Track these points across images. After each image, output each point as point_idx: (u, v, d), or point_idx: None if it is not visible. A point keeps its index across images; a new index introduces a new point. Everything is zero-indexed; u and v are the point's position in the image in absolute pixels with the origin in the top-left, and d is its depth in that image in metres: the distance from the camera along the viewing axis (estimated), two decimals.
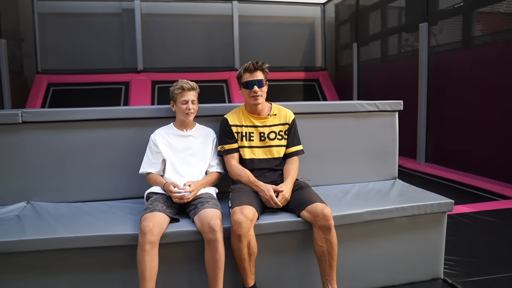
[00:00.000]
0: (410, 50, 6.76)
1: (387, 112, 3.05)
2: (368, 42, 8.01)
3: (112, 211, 2.48)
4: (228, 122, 2.56)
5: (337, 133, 3.00)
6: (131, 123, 2.70)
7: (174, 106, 2.54)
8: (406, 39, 7.13)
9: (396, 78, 7.00)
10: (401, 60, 7.05)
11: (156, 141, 2.51)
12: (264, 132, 2.55)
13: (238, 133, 2.54)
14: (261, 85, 2.48)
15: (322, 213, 2.21)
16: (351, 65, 8.49)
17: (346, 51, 8.95)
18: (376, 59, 7.74)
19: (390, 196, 2.72)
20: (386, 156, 3.10)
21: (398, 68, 7.02)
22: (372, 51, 7.89)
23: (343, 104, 2.96)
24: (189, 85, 2.49)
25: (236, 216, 2.12)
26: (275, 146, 2.56)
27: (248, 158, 2.53)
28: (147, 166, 2.50)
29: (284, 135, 2.58)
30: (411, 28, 6.65)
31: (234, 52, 9.11)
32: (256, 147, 2.54)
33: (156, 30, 8.98)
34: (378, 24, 7.61)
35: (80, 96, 8.37)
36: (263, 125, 2.56)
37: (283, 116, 2.60)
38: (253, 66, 2.48)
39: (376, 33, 7.68)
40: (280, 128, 2.58)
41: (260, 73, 2.49)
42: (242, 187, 2.41)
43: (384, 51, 7.56)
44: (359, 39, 8.13)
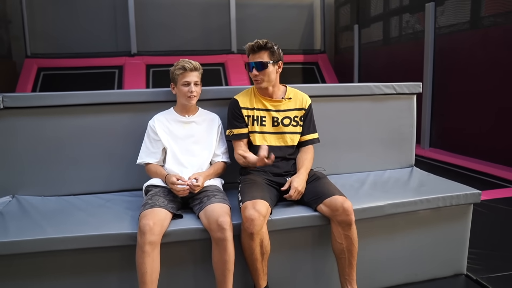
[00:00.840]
0: (415, 31, 6.48)
1: (405, 95, 2.80)
2: (370, 24, 7.70)
3: (107, 206, 2.22)
4: (238, 104, 2.29)
5: (351, 117, 2.74)
6: (127, 108, 2.41)
7: (174, 89, 2.27)
8: (407, 20, 6.84)
9: (399, 60, 6.72)
10: (405, 42, 6.77)
11: (155, 128, 2.24)
12: (277, 117, 2.29)
13: (248, 116, 2.27)
14: (261, 68, 2.19)
15: (342, 207, 1.97)
16: (351, 47, 8.19)
17: (346, 33, 8.64)
18: (378, 41, 7.44)
19: (410, 186, 2.48)
20: (402, 142, 2.85)
21: (402, 51, 6.75)
22: (373, 33, 7.59)
23: (358, 86, 2.70)
24: (192, 65, 2.21)
25: (248, 212, 1.87)
26: (289, 133, 2.30)
27: (259, 145, 2.27)
28: (145, 155, 2.24)
29: (299, 121, 2.32)
30: (416, 9, 6.35)
31: (231, 35, 8.77)
32: (268, 133, 2.28)
33: (150, 11, 8.59)
34: (380, 5, 7.29)
35: (71, 81, 8.01)
36: (276, 110, 2.29)
37: (299, 100, 2.34)
38: (252, 47, 2.20)
39: (378, 14, 7.37)
40: (295, 113, 2.31)
41: (264, 53, 2.20)
42: (253, 177, 2.16)
43: (386, 33, 7.26)
44: (360, 20, 7.81)
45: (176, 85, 2.24)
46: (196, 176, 2.07)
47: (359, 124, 2.75)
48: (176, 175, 2.06)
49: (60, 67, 8.12)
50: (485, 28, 5.12)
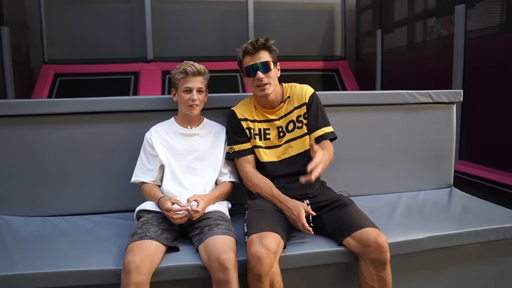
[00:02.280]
0: (442, 36, 6.00)
1: (443, 104, 2.38)
2: (393, 29, 7.23)
3: (96, 231, 1.88)
4: (236, 116, 1.92)
5: (380, 130, 2.34)
6: (122, 118, 2.08)
7: (175, 95, 1.93)
8: (433, 25, 6.35)
9: (425, 67, 6.24)
10: (432, 47, 6.29)
11: (152, 141, 1.89)
12: (281, 126, 1.90)
13: (249, 129, 1.90)
14: (267, 69, 1.80)
15: (375, 242, 1.57)
16: (373, 53, 7.73)
17: (368, 39, 8.19)
18: (402, 47, 6.98)
19: (452, 212, 2.06)
20: (439, 159, 2.44)
21: (428, 57, 6.27)
22: (397, 39, 7.12)
23: (389, 94, 2.30)
24: (195, 69, 1.86)
25: (254, 249, 1.50)
26: (295, 139, 1.89)
27: (267, 162, 1.89)
28: (140, 173, 1.89)
29: (304, 120, 1.90)
30: (444, 12, 5.88)
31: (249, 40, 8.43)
32: (274, 146, 1.90)
33: (167, 17, 8.34)
34: (405, 9, 6.83)
35: (87, 87, 7.80)
36: (278, 118, 1.91)
37: (297, 96, 1.92)
38: (252, 45, 1.81)
39: (403, 18, 6.91)
40: (297, 112, 1.91)
41: (264, 53, 1.82)
42: (262, 203, 1.78)
43: (411, 38, 6.79)
44: (383, 25, 7.37)
45: (177, 91, 1.89)
46: (197, 199, 1.71)
47: (389, 138, 2.35)
48: (171, 199, 1.70)
49: (76, 73, 7.94)
50: None
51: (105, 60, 8.00)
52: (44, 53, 7.97)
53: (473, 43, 5.26)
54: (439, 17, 6.10)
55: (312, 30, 8.74)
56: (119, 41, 8.23)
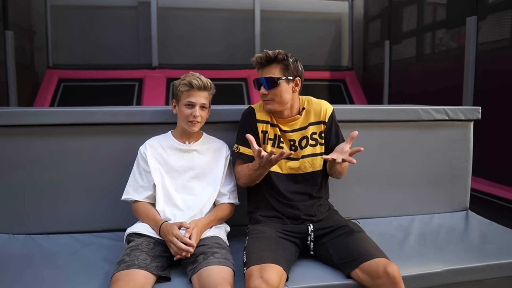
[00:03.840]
0: (453, 48, 5.85)
1: (460, 121, 2.22)
2: (402, 40, 7.09)
3: (82, 253, 1.72)
4: (254, 115, 1.76)
5: (392, 148, 2.17)
6: (115, 130, 1.93)
7: (176, 108, 1.78)
8: (442, 37, 6.21)
9: (435, 80, 6.08)
10: (442, 59, 6.13)
11: (146, 155, 1.74)
12: (294, 140, 1.75)
13: (265, 133, 1.75)
14: (271, 86, 1.67)
15: (385, 272, 1.41)
16: (381, 64, 7.59)
17: (376, 50, 8.05)
18: (410, 58, 6.82)
19: (470, 241, 1.89)
20: (455, 180, 2.26)
21: (438, 69, 6.11)
22: (406, 50, 6.97)
23: (402, 110, 2.14)
24: (201, 83, 1.71)
25: (253, 283, 1.33)
26: (308, 156, 1.74)
27: (274, 172, 1.72)
28: (133, 190, 1.74)
29: (319, 139, 1.76)
30: (455, 23, 5.73)
31: (255, 49, 8.30)
32: (285, 158, 1.74)
33: (172, 24, 8.25)
34: (414, 20, 6.68)
35: (91, 93, 7.71)
36: (292, 130, 1.76)
37: (314, 111, 1.78)
38: (259, 60, 1.69)
39: (412, 29, 6.76)
40: (313, 129, 1.77)
41: (275, 67, 1.68)
42: (264, 229, 1.61)
43: (420, 50, 6.64)
44: (392, 36, 7.22)
45: (178, 103, 1.74)
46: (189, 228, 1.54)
47: (401, 157, 2.18)
48: (180, 223, 1.54)
49: (80, 78, 7.85)
50: None
51: (110, 66, 7.92)
52: (48, 58, 7.89)
53: (485, 56, 5.10)
54: (450, 29, 5.95)
55: (319, 40, 8.62)
56: (124, 47, 8.15)
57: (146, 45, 8.09)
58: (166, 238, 1.53)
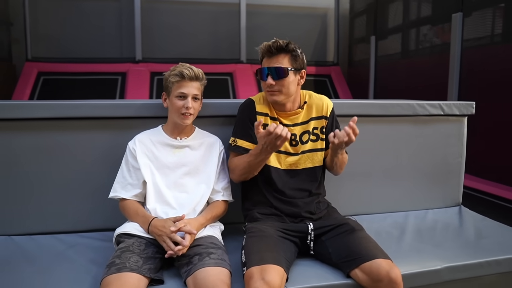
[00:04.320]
0: (438, 44, 5.88)
1: (454, 116, 2.20)
2: (387, 36, 7.10)
3: (67, 255, 1.62)
4: (253, 107, 1.70)
5: (388, 143, 2.14)
6: (103, 125, 1.83)
7: (166, 100, 1.69)
8: (427, 33, 6.24)
9: (420, 75, 6.11)
10: (427, 55, 6.16)
11: (135, 151, 1.65)
12: (295, 134, 1.69)
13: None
14: (280, 76, 1.60)
15: (387, 276, 1.36)
16: (366, 60, 7.60)
17: (361, 45, 8.05)
18: (396, 54, 6.85)
19: (466, 236, 1.87)
20: (449, 175, 2.24)
21: (423, 65, 6.14)
22: (392, 46, 6.99)
23: (398, 104, 2.10)
24: (192, 73, 1.63)
25: (254, 285, 1.27)
26: (308, 152, 1.70)
27: (273, 167, 1.67)
28: (120, 188, 1.64)
29: (320, 134, 1.72)
30: (440, 20, 5.76)
31: (241, 43, 8.21)
32: (285, 152, 1.69)
33: (157, 17, 8.07)
34: (400, 16, 6.69)
35: (72, 87, 7.48)
36: (293, 124, 1.70)
37: (316, 106, 1.74)
38: (268, 48, 1.61)
39: (398, 25, 6.78)
40: (314, 124, 1.72)
41: (284, 57, 1.62)
42: (263, 227, 1.55)
43: (406, 45, 6.66)
44: (378, 31, 7.23)
45: (169, 95, 1.66)
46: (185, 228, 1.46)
47: (396, 152, 2.15)
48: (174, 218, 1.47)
49: (61, 71, 7.60)
50: None
51: (92, 60, 7.69)
52: (27, 50, 7.61)
53: (470, 52, 5.14)
54: (435, 25, 5.98)
55: (304, 35, 8.57)
56: (107, 40, 7.93)
57: (130, 38, 7.90)
58: (158, 233, 1.45)
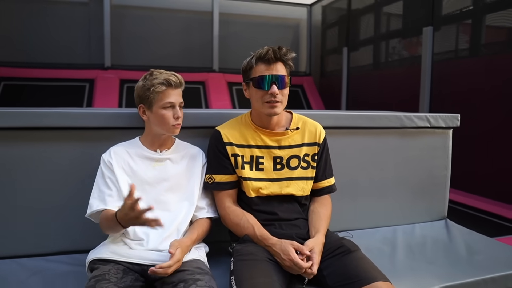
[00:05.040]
0: (409, 57, 6.00)
1: (440, 129, 2.16)
2: (359, 47, 7.19)
3: (31, 283, 1.42)
4: (221, 138, 1.57)
5: (375, 156, 2.06)
6: (70, 136, 1.64)
7: (146, 113, 1.51)
8: (398, 46, 6.37)
9: (392, 87, 6.20)
10: (399, 67, 6.27)
11: (111, 164, 1.48)
12: (281, 157, 1.58)
13: (237, 156, 1.56)
14: (283, 85, 1.50)
15: None
16: (338, 71, 7.66)
17: (333, 56, 8.12)
18: (368, 65, 6.94)
19: (458, 252, 1.81)
20: (435, 188, 2.20)
21: (395, 76, 6.24)
22: (364, 57, 7.08)
23: (385, 116, 2.03)
24: (177, 79, 1.50)
25: None
26: (298, 179, 1.59)
27: (255, 197, 1.56)
28: (98, 202, 1.45)
29: (311, 162, 1.62)
30: (411, 33, 5.88)
31: (213, 52, 8.09)
32: (268, 180, 1.56)
33: (127, 23, 7.83)
34: (371, 28, 6.79)
35: (36, 94, 7.09)
36: (279, 146, 1.59)
37: (309, 131, 1.64)
38: (273, 53, 1.49)
39: (369, 37, 6.88)
40: (305, 150, 1.61)
41: (282, 66, 1.52)
42: (253, 250, 1.42)
43: (378, 57, 6.76)
44: (350, 43, 7.31)
45: (151, 107, 1.48)
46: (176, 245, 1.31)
47: (383, 165, 2.08)
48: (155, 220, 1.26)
49: (24, 77, 7.19)
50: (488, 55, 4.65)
51: (58, 65, 7.33)
52: None
53: (440, 65, 5.26)
54: (406, 38, 6.09)
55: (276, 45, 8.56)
56: (74, 46, 7.59)
57: (98, 44, 7.60)
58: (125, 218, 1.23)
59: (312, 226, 1.54)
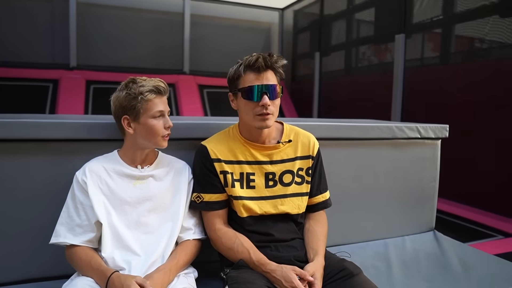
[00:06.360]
0: (382, 63, 6.04)
1: (430, 140, 2.10)
2: (330, 53, 7.19)
3: None
4: (207, 154, 1.42)
5: (364, 168, 1.96)
6: (37, 149, 1.44)
7: (131, 125, 1.32)
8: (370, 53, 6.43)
9: (364, 93, 6.23)
10: (372, 73, 6.32)
11: (86, 184, 1.29)
12: (274, 173, 1.44)
13: (226, 174, 1.41)
14: (275, 95, 1.36)
15: None
16: (309, 75, 7.64)
17: (305, 61, 8.10)
18: (339, 70, 6.95)
19: (453, 268, 1.74)
20: (423, 200, 2.13)
21: (367, 82, 6.27)
22: (335, 63, 7.09)
23: (376, 127, 1.94)
24: (165, 86, 1.34)
25: None
26: (293, 196, 1.46)
27: (247, 217, 1.41)
28: (66, 231, 1.27)
29: (305, 176, 1.49)
30: (383, 39, 5.92)
31: (184, 54, 7.86)
32: (260, 198, 1.42)
33: (94, 22, 7.46)
34: (343, 34, 6.81)
35: None
36: (271, 161, 1.45)
37: (302, 144, 1.50)
38: (264, 61, 1.35)
39: (341, 43, 6.89)
40: (299, 164, 1.48)
41: (272, 75, 1.37)
42: (249, 276, 1.26)
43: (349, 63, 6.78)
44: (322, 48, 7.29)
45: (138, 118, 1.30)
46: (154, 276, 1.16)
47: (373, 177, 1.99)
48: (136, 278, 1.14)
49: None
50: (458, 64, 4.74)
51: (18, 64, 6.85)
52: None
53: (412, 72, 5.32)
54: (378, 45, 6.14)
55: (248, 48, 8.40)
56: (37, 44, 7.13)
57: (63, 43, 7.19)
58: None
59: (309, 248, 1.41)
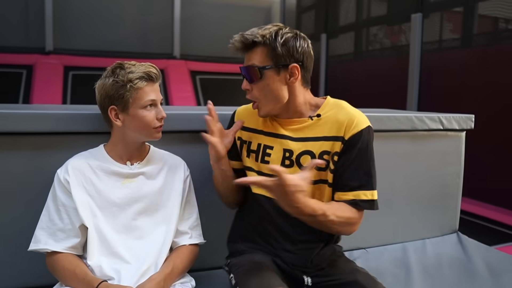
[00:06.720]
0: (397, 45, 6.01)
1: (453, 131, 2.08)
2: (338, 34, 7.15)
3: None
4: (233, 118, 1.51)
5: (381, 164, 1.94)
6: (12, 144, 1.42)
7: (119, 117, 1.29)
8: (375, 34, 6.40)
9: (376, 80, 6.20)
10: (385, 57, 6.28)
11: (69, 183, 1.27)
12: (291, 151, 1.35)
13: (243, 142, 1.43)
14: (250, 78, 1.31)
15: None
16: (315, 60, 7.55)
17: None
18: (348, 54, 6.91)
19: (480, 274, 1.73)
20: (446, 199, 2.12)
21: (379, 68, 6.24)
22: (343, 46, 7.05)
23: (394, 117, 1.92)
24: (158, 72, 1.32)
25: None
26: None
27: (258, 194, 1.37)
28: (47, 236, 1.25)
29: (331, 161, 1.32)
30: (398, 20, 5.88)
31: (174, 37, 7.81)
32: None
33: (73, 1, 7.39)
34: (353, 14, 6.76)
35: None
36: (292, 138, 1.36)
37: (336, 122, 1.33)
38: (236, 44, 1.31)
39: (350, 23, 6.85)
40: (324, 146, 1.32)
41: (258, 53, 1.29)
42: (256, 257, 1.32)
43: (360, 46, 6.74)
44: (329, 30, 7.25)
45: (127, 109, 1.27)
46: None
47: (391, 174, 1.97)
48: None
49: None
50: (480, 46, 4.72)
51: None
52: None
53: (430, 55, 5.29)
54: (392, 25, 6.10)
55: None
56: (8, 26, 7.06)
57: (38, 24, 7.12)
58: None
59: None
